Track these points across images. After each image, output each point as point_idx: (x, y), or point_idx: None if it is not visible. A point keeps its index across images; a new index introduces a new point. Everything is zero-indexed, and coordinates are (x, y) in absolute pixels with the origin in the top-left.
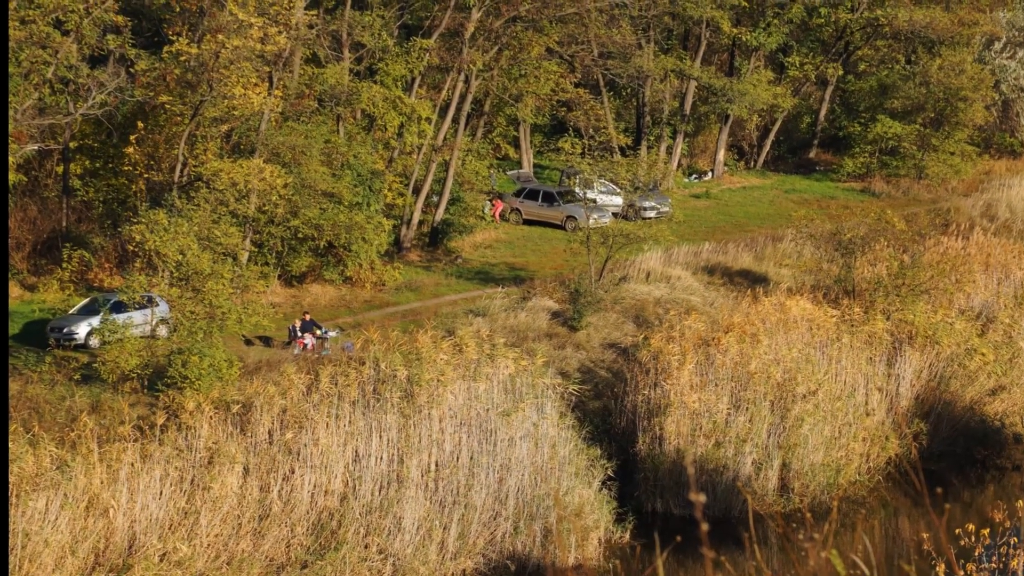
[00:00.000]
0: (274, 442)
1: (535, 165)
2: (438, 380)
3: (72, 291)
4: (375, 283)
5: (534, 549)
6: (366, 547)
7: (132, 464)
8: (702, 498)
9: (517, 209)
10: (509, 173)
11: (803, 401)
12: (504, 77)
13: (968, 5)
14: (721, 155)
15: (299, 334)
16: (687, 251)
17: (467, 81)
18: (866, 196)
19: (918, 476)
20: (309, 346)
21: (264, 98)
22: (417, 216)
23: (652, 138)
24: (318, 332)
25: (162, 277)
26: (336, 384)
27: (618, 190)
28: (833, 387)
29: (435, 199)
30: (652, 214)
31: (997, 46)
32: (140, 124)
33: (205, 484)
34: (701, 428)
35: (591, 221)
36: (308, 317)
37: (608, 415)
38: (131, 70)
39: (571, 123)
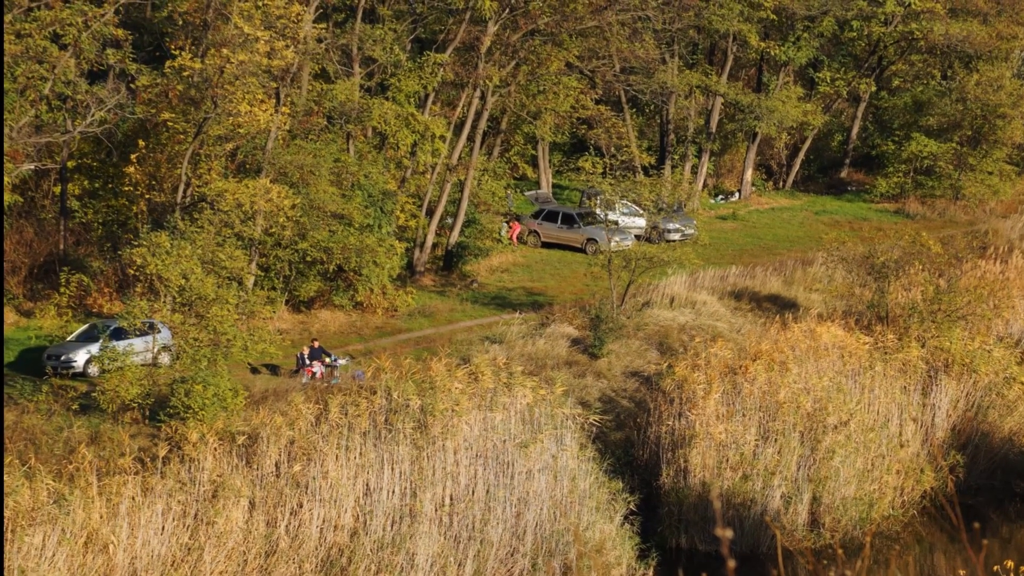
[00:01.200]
0: (281, 475)
1: (554, 185)
2: (453, 410)
3: (70, 317)
4: (387, 309)
5: None
6: None
7: (133, 498)
8: (729, 533)
9: (535, 231)
10: (527, 194)
11: (834, 432)
12: (522, 93)
13: (1007, 18)
14: (748, 175)
15: (307, 362)
16: (713, 275)
17: (483, 97)
18: (900, 218)
19: (954, 510)
20: (318, 374)
21: (271, 115)
22: (431, 239)
23: (676, 157)
24: (327, 360)
25: (164, 302)
26: (346, 414)
27: (641, 211)
28: (865, 417)
29: (450, 221)
30: (676, 236)
31: None
32: (141, 142)
33: (209, 519)
34: (728, 460)
35: (613, 244)
36: (317, 344)
37: (630, 447)
38: (132, 86)
39: (592, 141)
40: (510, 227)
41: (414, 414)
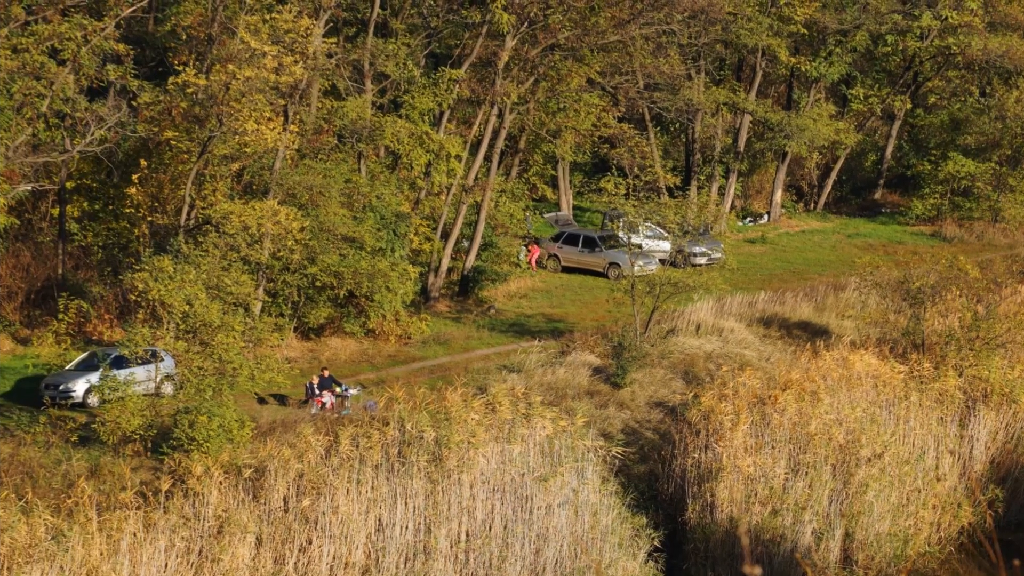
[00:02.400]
0: (290, 510)
1: (575, 207)
2: (469, 442)
3: (69, 345)
4: (400, 336)
5: None
6: None
7: (134, 534)
8: (757, 571)
9: (555, 255)
10: (546, 216)
11: (868, 465)
12: (541, 111)
13: None
14: (778, 196)
15: (317, 392)
16: (741, 301)
17: (501, 115)
18: (937, 241)
19: (993, 547)
20: (328, 405)
21: (279, 134)
22: (446, 263)
23: (703, 178)
24: (338, 389)
25: (167, 329)
26: (357, 446)
27: (666, 234)
28: (901, 450)
29: (465, 244)
30: (703, 260)
31: None
32: (143, 162)
33: (214, 556)
34: (756, 494)
35: (636, 268)
36: (327, 373)
37: (655, 480)
38: (133, 103)
39: (614, 161)
40: (529, 251)
41: (428, 446)
